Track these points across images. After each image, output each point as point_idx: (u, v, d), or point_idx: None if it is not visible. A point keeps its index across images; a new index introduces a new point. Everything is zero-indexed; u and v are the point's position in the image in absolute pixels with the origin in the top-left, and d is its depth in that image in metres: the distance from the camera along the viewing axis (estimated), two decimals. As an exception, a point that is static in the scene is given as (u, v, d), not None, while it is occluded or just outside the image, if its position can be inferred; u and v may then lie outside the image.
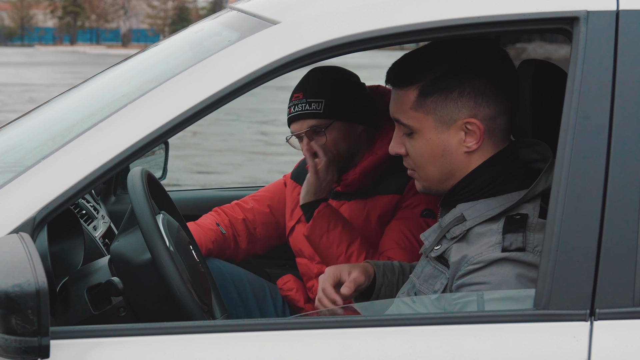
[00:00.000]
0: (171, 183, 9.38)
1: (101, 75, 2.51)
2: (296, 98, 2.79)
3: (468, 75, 1.95)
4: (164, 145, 3.71)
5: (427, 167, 2.01)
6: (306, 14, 1.84)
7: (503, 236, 1.88)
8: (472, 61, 1.98)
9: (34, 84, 23.95)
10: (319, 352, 1.66)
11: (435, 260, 1.99)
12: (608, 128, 1.69)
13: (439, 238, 1.99)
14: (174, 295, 1.92)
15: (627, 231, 1.67)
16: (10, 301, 1.51)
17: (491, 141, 1.99)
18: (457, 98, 1.95)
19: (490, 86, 1.96)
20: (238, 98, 1.80)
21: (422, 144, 2.00)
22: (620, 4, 1.74)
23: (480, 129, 1.95)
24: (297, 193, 2.96)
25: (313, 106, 2.75)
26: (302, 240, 2.90)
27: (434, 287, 1.96)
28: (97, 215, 3.20)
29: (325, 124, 2.75)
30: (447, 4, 1.77)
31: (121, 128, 1.74)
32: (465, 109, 1.95)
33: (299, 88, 2.81)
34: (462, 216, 1.96)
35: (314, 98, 2.75)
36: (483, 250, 1.88)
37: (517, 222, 1.89)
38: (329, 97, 2.75)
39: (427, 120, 1.97)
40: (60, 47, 63.17)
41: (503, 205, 1.93)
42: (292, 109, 2.79)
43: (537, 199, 1.93)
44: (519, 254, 1.86)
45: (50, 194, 1.69)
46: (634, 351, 1.65)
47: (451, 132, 1.97)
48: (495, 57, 2.01)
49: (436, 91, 1.96)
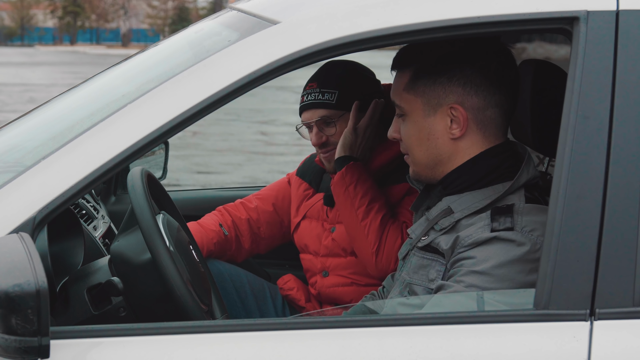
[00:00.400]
0: (171, 183, 9.38)
1: (101, 75, 2.51)
2: (310, 87, 2.82)
3: (460, 63, 1.99)
4: (164, 145, 3.71)
5: (415, 150, 2.06)
6: (306, 14, 1.84)
7: (492, 218, 1.91)
8: (467, 51, 2.01)
9: (34, 84, 23.95)
10: (319, 352, 1.66)
11: (421, 250, 2.00)
12: (608, 128, 1.69)
13: (426, 230, 2.01)
14: (174, 296, 1.92)
15: (627, 231, 1.67)
16: (10, 301, 1.51)
17: (481, 132, 2.01)
18: (445, 83, 2.00)
19: (481, 77, 1.99)
20: (238, 98, 1.80)
21: (410, 127, 2.05)
22: (620, 4, 1.74)
23: (463, 116, 1.99)
24: (303, 189, 2.98)
25: (326, 96, 2.78)
26: (307, 236, 2.92)
27: (428, 276, 1.97)
28: (97, 215, 3.20)
29: (337, 115, 2.77)
30: (447, 4, 1.77)
31: (121, 128, 1.74)
32: (452, 94, 1.99)
33: (314, 78, 2.84)
34: (449, 209, 1.99)
35: (328, 88, 2.78)
36: (472, 232, 1.91)
37: (504, 209, 1.92)
38: (343, 88, 2.78)
39: (416, 103, 2.03)
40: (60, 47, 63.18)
41: (489, 198, 1.96)
42: (305, 97, 2.82)
43: (521, 189, 1.96)
44: (508, 232, 1.88)
45: (50, 194, 1.69)
46: (634, 351, 1.65)
47: (437, 117, 2.01)
48: (493, 51, 2.03)
49: (426, 75, 2.01)
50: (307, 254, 2.94)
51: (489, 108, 2.01)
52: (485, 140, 2.02)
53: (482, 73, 1.99)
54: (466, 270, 1.87)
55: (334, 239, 2.84)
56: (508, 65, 2.05)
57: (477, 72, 1.99)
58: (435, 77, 2.01)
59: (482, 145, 2.02)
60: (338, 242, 2.84)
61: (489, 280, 1.85)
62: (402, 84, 2.06)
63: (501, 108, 2.02)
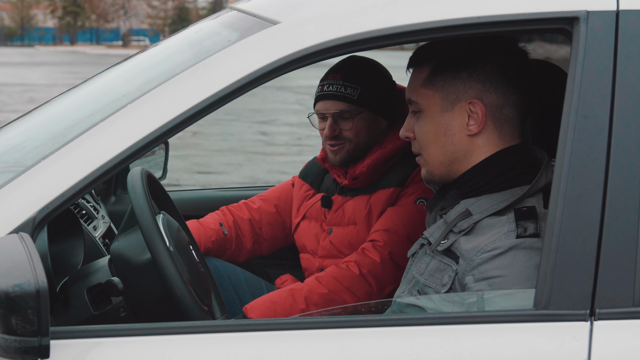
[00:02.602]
0: (171, 183, 9.39)
1: (101, 75, 2.51)
2: (333, 78, 2.80)
3: (481, 59, 1.99)
4: (164, 145, 3.71)
5: (430, 147, 2.04)
6: (306, 14, 1.84)
7: (517, 223, 1.90)
8: (488, 47, 2.01)
9: (34, 84, 23.96)
10: (319, 352, 1.66)
11: (441, 254, 1.99)
12: (608, 128, 1.69)
13: (445, 233, 2.00)
14: (174, 296, 1.92)
15: (627, 231, 1.67)
16: (10, 301, 1.51)
17: (497, 131, 2.00)
18: (465, 78, 1.99)
19: (501, 74, 1.99)
20: (238, 98, 1.80)
21: (427, 122, 2.03)
22: (620, 4, 1.74)
23: (482, 111, 1.98)
24: (304, 190, 2.99)
25: (349, 90, 2.77)
26: (306, 235, 2.92)
27: (441, 280, 1.96)
28: (97, 215, 3.20)
29: (356, 112, 2.77)
30: (447, 4, 1.77)
31: (121, 128, 1.74)
32: (471, 89, 1.99)
33: (337, 69, 2.81)
34: (467, 211, 1.97)
35: (352, 83, 2.77)
36: (496, 239, 1.89)
37: (527, 212, 1.91)
38: (366, 86, 2.77)
39: (434, 98, 2.02)
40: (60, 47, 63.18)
41: (507, 200, 1.94)
42: (326, 87, 2.80)
43: (539, 193, 1.95)
44: (534, 240, 1.87)
45: (50, 194, 1.69)
46: (634, 351, 1.65)
47: (455, 112, 2.00)
48: (513, 51, 2.04)
49: (447, 69, 2.01)
50: (306, 253, 2.95)
51: (507, 106, 2.00)
52: (501, 139, 2.01)
53: (502, 71, 1.99)
54: (492, 281, 1.87)
55: (331, 241, 2.85)
56: (526, 65, 2.05)
57: (497, 69, 1.99)
58: (455, 72, 2.00)
59: (497, 144, 2.01)
60: (335, 245, 2.84)
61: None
62: (420, 80, 2.05)
63: (518, 107, 2.02)
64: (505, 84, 1.99)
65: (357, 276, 2.67)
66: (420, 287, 2.01)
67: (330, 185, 2.91)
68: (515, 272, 1.85)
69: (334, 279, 2.68)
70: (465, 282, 1.90)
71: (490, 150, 2.01)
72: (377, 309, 2.10)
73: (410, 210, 2.71)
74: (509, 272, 1.85)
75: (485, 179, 1.99)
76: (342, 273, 2.69)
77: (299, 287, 2.68)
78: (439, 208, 2.12)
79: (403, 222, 2.70)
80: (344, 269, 2.70)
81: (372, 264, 2.68)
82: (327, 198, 2.87)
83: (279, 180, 10.16)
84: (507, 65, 2.00)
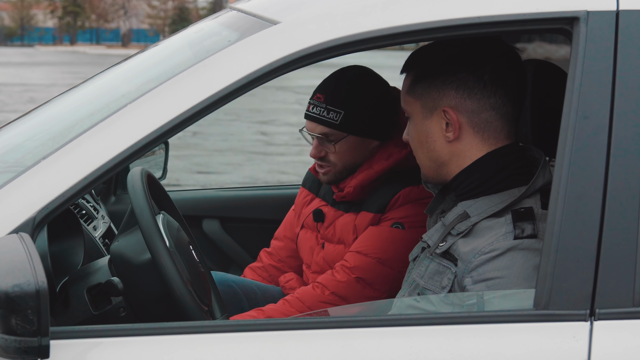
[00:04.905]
0: (171, 183, 9.38)
1: (101, 75, 2.51)
2: (317, 99, 2.72)
3: (454, 66, 2.01)
4: (164, 145, 3.71)
5: (418, 152, 2.10)
6: (306, 14, 1.84)
7: (514, 224, 1.90)
8: (466, 54, 2.02)
9: (34, 84, 23.95)
10: (319, 352, 1.66)
11: (440, 256, 1.99)
12: (608, 128, 1.69)
13: (443, 235, 2.00)
14: (173, 296, 1.92)
15: (627, 231, 1.67)
16: (10, 301, 1.51)
17: (479, 135, 2.01)
18: (439, 86, 2.02)
19: (474, 80, 1.99)
20: (238, 98, 1.80)
21: (412, 129, 2.09)
22: (620, 4, 1.74)
23: (454, 119, 2.00)
24: (304, 196, 2.99)
25: (331, 115, 2.69)
26: (303, 247, 2.93)
27: (441, 282, 1.96)
28: (97, 215, 3.20)
29: (339, 136, 2.71)
30: (447, 4, 1.77)
31: (121, 128, 1.74)
32: (445, 97, 2.01)
33: (322, 89, 2.74)
34: (465, 213, 1.98)
35: (334, 107, 2.69)
36: (494, 240, 1.90)
37: (525, 214, 1.92)
38: (349, 110, 2.69)
39: (416, 105, 2.06)
40: (60, 47, 63.15)
41: (505, 202, 1.95)
42: (311, 108, 2.74)
43: (537, 193, 1.96)
44: (532, 241, 1.88)
45: (50, 194, 1.69)
46: (634, 351, 1.65)
47: (433, 120, 2.04)
48: (492, 54, 2.03)
49: (424, 78, 2.04)
50: (304, 264, 2.96)
51: (485, 111, 2.01)
52: (485, 143, 2.02)
53: (475, 76, 1.99)
54: (491, 283, 1.87)
55: (324, 257, 2.82)
56: (509, 67, 2.04)
57: (470, 75, 2.00)
58: (431, 80, 2.03)
59: (482, 148, 2.02)
60: (327, 261, 2.81)
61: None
62: (405, 87, 2.10)
63: (498, 111, 2.01)
64: (480, 89, 2.00)
65: (320, 296, 2.68)
66: (421, 290, 2.01)
67: (328, 190, 2.89)
68: (513, 274, 1.86)
69: (298, 300, 2.69)
70: (464, 284, 1.90)
71: (477, 154, 2.02)
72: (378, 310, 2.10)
73: (384, 233, 2.67)
74: (507, 273, 1.86)
75: (478, 180, 2.00)
76: (307, 293, 2.70)
77: (272, 308, 2.69)
78: (439, 211, 2.12)
79: (376, 246, 2.66)
80: (309, 289, 2.71)
81: (337, 285, 2.68)
82: (319, 212, 2.85)
83: (278, 180, 10.17)
84: (481, 69, 2.00)
